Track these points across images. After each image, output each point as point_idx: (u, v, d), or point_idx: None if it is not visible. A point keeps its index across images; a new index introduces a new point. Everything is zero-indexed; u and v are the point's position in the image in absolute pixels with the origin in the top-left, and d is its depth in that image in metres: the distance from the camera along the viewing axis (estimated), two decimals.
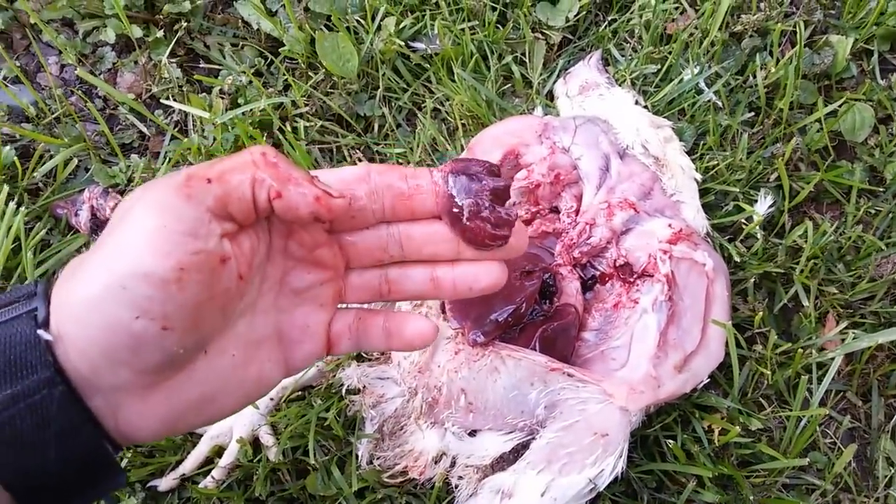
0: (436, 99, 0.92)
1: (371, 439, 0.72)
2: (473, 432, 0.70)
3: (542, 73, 0.94)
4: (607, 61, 0.94)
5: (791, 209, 0.84)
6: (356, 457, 0.72)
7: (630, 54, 0.95)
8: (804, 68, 0.90)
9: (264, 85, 0.94)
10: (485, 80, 0.92)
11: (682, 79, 0.90)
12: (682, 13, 0.96)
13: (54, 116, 0.94)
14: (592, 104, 0.86)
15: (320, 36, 0.91)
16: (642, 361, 0.69)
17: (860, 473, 0.77)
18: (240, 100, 0.93)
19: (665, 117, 0.86)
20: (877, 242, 0.81)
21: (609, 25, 0.96)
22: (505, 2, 0.96)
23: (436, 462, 0.71)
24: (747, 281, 0.80)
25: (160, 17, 0.98)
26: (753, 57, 0.92)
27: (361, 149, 0.91)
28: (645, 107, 0.86)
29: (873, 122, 0.88)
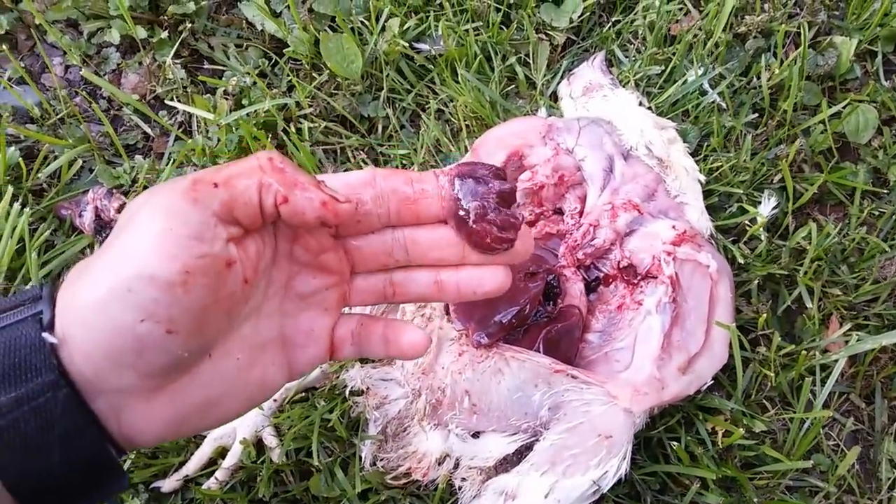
0: (439, 100, 0.92)
1: (374, 441, 0.72)
2: (477, 434, 0.70)
3: (546, 75, 0.94)
4: (611, 62, 0.94)
5: (795, 211, 0.84)
6: (360, 458, 0.72)
7: (634, 55, 0.95)
8: (808, 69, 0.90)
9: (268, 86, 0.94)
10: (488, 82, 0.92)
11: (686, 80, 0.90)
12: (686, 14, 0.96)
13: (59, 117, 0.94)
14: (596, 105, 0.86)
15: (324, 37, 0.91)
16: (646, 363, 0.69)
17: (863, 476, 0.77)
18: (244, 101, 0.93)
19: (669, 119, 0.86)
20: (880, 244, 0.81)
21: (613, 26, 0.96)
22: (509, 3, 0.96)
23: (439, 463, 0.71)
24: (751, 283, 0.80)
25: (164, 18, 0.98)
26: (757, 58, 0.92)
27: (365, 150, 0.92)
28: (649, 108, 0.86)
29: (877, 124, 0.88)
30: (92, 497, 0.37)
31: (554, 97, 0.93)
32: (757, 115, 0.89)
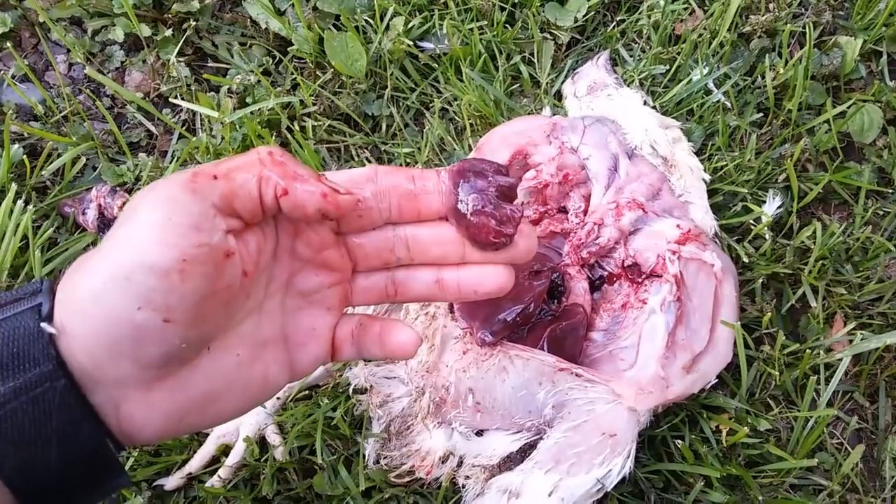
0: (444, 99, 0.92)
1: (378, 439, 0.72)
2: (481, 432, 0.70)
3: (551, 74, 0.94)
4: (615, 62, 0.94)
5: (799, 210, 0.84)
6: (363, 456, 0.72)
7: (638, 55, 0.95)
8: (813, 69, 0.89)
9: (272, 84, 0.94)
10: (493, 80, 0.92)
11: (691, 79, 0.90)
12: (691, 14, 0.96)
13: (62, 115, 0.94)
14: (601, 104, 0.86)
15: (329, 35, 0.91)
16: (651, 362, 0.69)
17: (867, 474, 0.77)
18: (248, 99, 0.93)
19: (674, 118, 0.86)
20: (885, 244, 0.81)
21: (617, 26, 0.96)
22: (513, 2, 0.96)
23: (443, 462, 0.71)
24: (755, 281, 0.80)
25: (169, 16, 0.98)
26: (762, 58, 0.92)
27: (369, 148, 0.92)
28: (653, 107, 0.86)
29: (882, 124, 0.88)
30: (92, 495, 0.36)
31: (558, 96, 0.93)
32: (761, 115, 0.89)
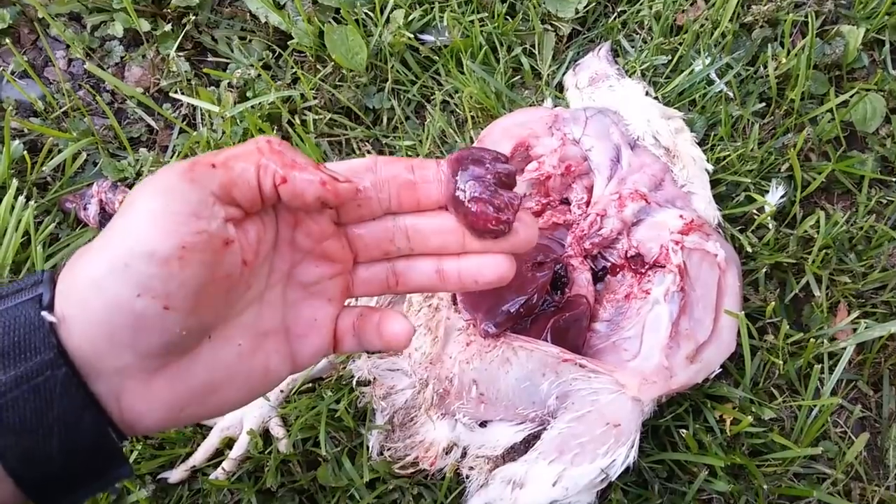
0: (445, 91, 0.92)
1: (382, 431, 0.72)
2: (484, 423, 0.70)
3: (552, 65, 0.93)
4: (617, 53, 0.94)
5: (802, 200, 0.84)
6: (367, 448, 0.72)
7: (640, 45, 0.94)
8: (815, 59, 0.89)
9: (273, 78, 0.94)
10: (494, 72, 0.91)
11: (693, 70, 0.89)
12: (693, 4, 0.95)
13: (62, 111, 0.94)
14: (602, 96, 0.85)
15: (329, 29, 0.91)
16: (655, 352, 0.69)
17: (871, 463, 0.76)
18: (248, 93, 0.93)
19: (676, 108, 0.85)
20: (889, 232, 0.81)
21: (618, 17, 0.96)
22: None
23: (446, 453, 0.71)
24: (759, 271, 0.79)
25: (168, 11, 0.98)
26: (764, 47, 0.91)
27: (370, 142, 0.91)
28: (655, 98, 0.86)
29: (885, 113, 0.88)
30: (94, 485, 0.36)
31: (560, 88, 0.92)
32: (764, 105, 0.89)
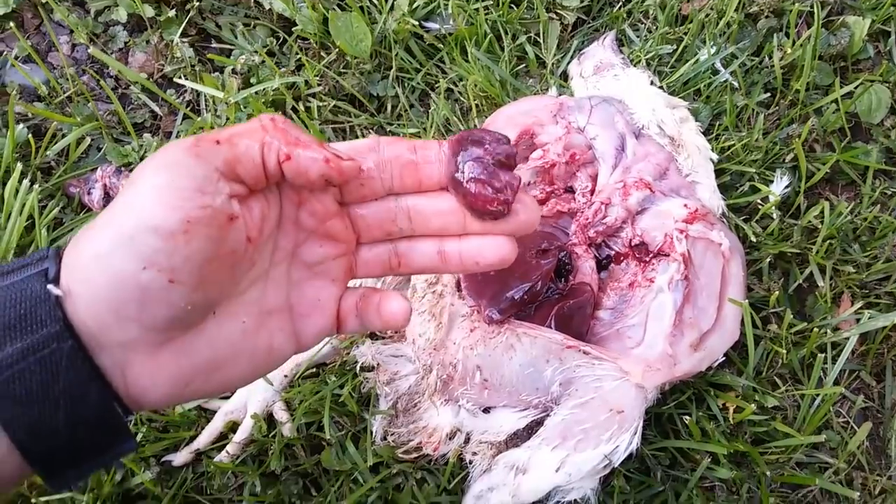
0: (449, 79, 0.92)
1: (385, 416, 0.72)
2: (488, 409, 0.70)
3: (557, 54, 0.93)
4: (622, 42, 0.94)
5: (806, 190, 0.84)
6: (370, 433, 0.72)
7: (645, 35, 0.94)
8: (821, 49, 0.89)
9: (277, 65, 0.93)
10: (498, 61, 0.91)
11: (698, 59, 0.89)
12: None
13: (66, 95, 0.94)
14: (607, 85, 0.85)
15: (333, 15, 0.91)
16: (658, 340, 0.69)
17: (873, 452, 0.77)
18: (252, 79, 0.92)
19: (681, 98, 0.85)
20: (893, 223, 0.81)
21: (624, 6, 0.96)
22: None
23: (450, 438, 0.71)
24: (762, 261, 0.80)
25: None
26: (770, 38, 0.91)
27: (374, 129, 0.91)
28: (660, 87, 0.86)
29: (890, 104, 0.88)
30: (99, 459, 0.37)
31: (564, 77, 0.92)
32: (769, 95, 0.89)
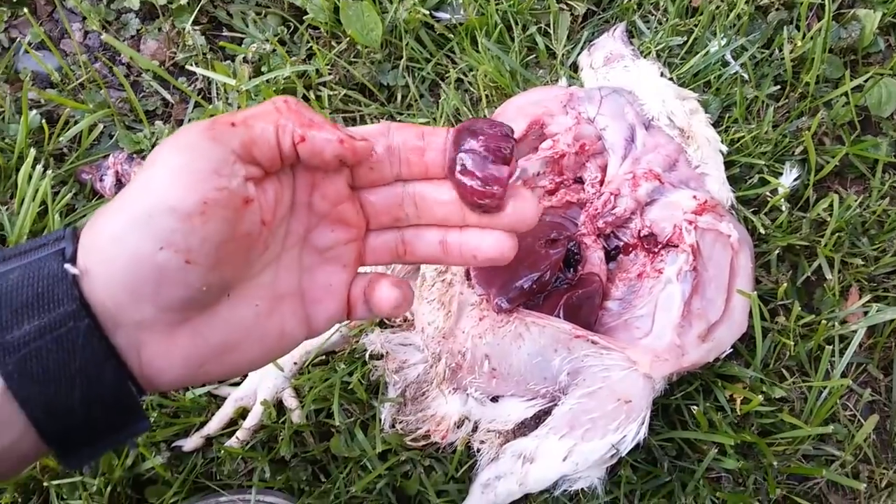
0: (459, 69, 0.92)
1: (394, 403, 0.73)
2: (496, 398, 0.71)
3: (567, 45, 0.93)
4: (632, 33, 0.93)
5: (815, 183, 0.84)
6: (379, 420, 0.73)
7: (655, 26, 0.94)
8: (831, 42, 0.89)
9: (288, 53, 0.94)
10: (509, 51, 0.91)
11: (709, 51, 0.89)
12: None
13: (79, 82, 0.94)
14: (617, 76, 0.85)
15: (344, 4, 0.91)
16: (667, 330, 0.69)
17: (880, 446, 0.77)
18: (263, 68, 0.93)
19: (691, 89, 0.85)
20: None
21: None
22: None
23: (458, 427, 0.71)
24: (771, 253, 0.80)
25: None
26: (780, 30, 0.91)
27: (384, 118, 0.91)
28: (670, 79, 0.86)
29: None
30: (114, 438, 0.37)
31: (574, 68, 0.92)
32: (779, 88, 0.89)
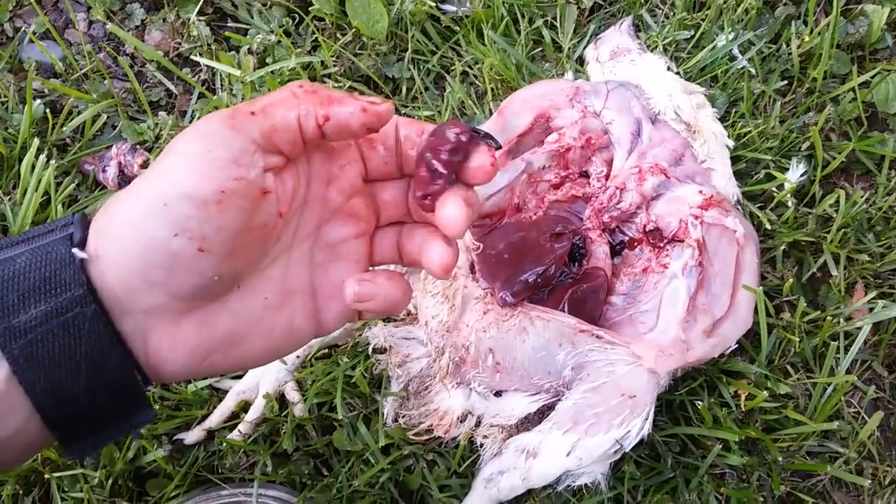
0: (465, 62, 0.91)
1: (397, 398, 0.73)
2: (499, 392, 0.71)
3: (573, 38, 0.93)
4: (639, 27, 0.93)
5: (821, 180, 0.84)
6: (382, 414, 0.73)
7: (662, 20, 0.93)
8: (839, 38, 0.88)
9: (293, 45, 0.93)
10: (515, 44, 0.91)
11: (716, 46, 0.89)
12: None
13: (83, 72, 0.94)
14: (623, 70, 0.85)
15: None
16: (672, 325, 0.69)
17: (884, 443, 0.77)
18: (268, 59, 0.92)
19: (698, 84, 0.85)
20: None
21: None
22: None
23: (461, 421, 0.71)
24: (777, 249, 0.79)
25: None
26: (788, 25, 0.90)
27: None
28: (677, 73, 0.86)
29: None
30: (119, 427, 0.37)
31: (580, 61, 0.92)
32: (786, 83, 0.88)
